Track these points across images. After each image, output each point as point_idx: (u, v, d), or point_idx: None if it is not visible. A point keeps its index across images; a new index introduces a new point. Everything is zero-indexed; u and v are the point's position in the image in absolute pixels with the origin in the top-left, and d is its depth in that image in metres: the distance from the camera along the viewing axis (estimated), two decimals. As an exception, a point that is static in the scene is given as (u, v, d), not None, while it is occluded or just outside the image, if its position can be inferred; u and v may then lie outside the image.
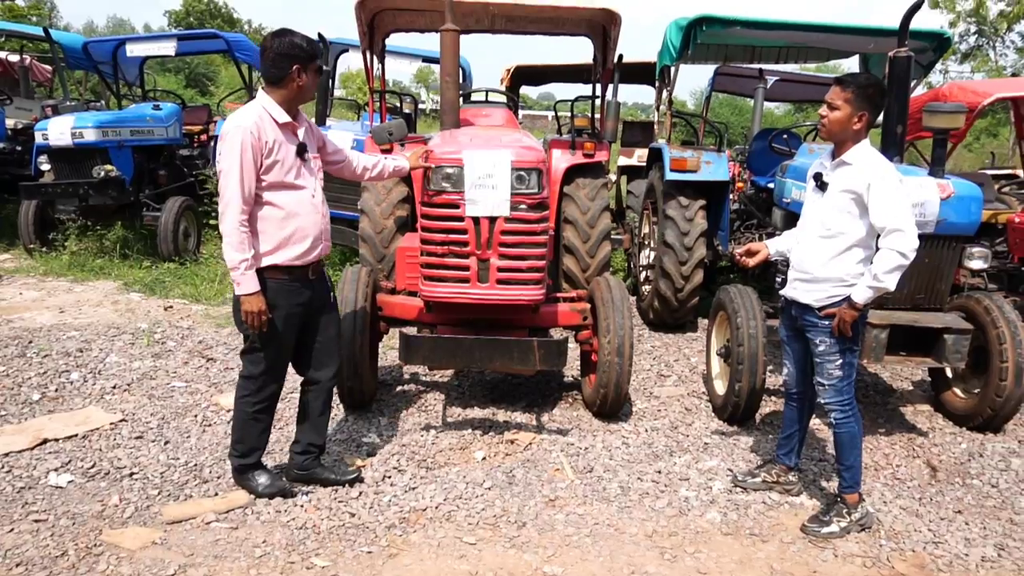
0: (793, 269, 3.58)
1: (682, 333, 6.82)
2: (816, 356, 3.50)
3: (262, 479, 3.61)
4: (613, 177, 10.45)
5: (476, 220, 4.05)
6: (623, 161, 10.37)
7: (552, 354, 4.12)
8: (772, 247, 3.83)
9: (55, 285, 7.47)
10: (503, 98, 7.82)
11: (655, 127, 8.38)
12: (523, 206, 4.07)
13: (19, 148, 9.96)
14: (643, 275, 7.34)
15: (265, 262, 3.36)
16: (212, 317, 6.61)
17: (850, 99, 3.32)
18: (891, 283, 3.23)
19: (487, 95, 7.88)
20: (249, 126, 3.23)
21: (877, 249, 3.31)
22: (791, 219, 5.54)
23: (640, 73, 9.93)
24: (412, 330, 4.58)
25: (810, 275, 3.45)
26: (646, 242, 7.45)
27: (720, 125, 8.80)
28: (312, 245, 3.46)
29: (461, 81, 10.47)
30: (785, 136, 6.24)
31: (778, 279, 5.52)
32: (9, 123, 10.04)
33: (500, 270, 4.10)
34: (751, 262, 3.83)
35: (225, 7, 47.65)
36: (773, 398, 5.21)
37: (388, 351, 5.58)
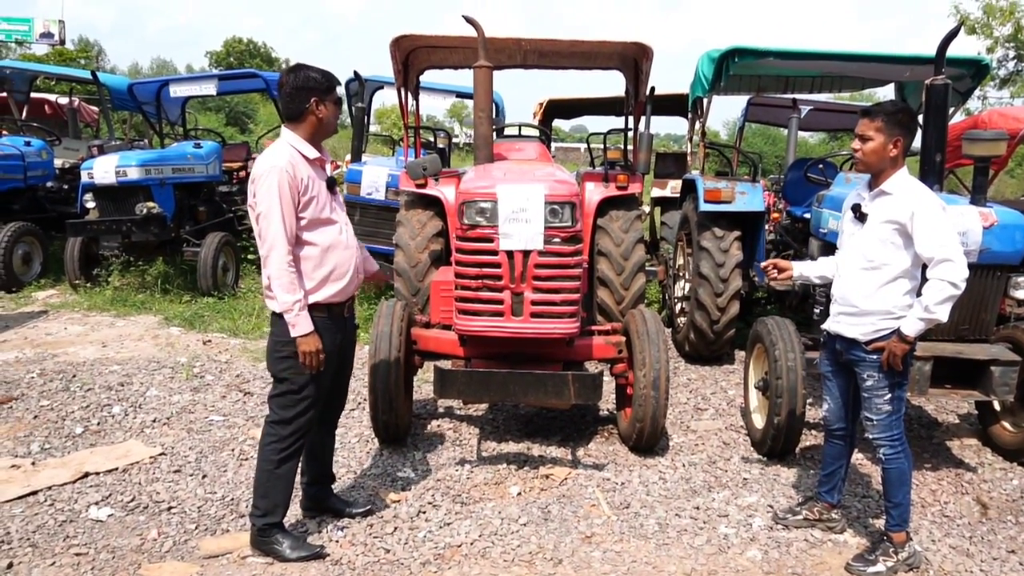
0: (836, 303, 3.51)
1: (719, 365, 6.73)
2: (864, 391, 3.42)
3: (287, 543, 3.39)
4: (647, 209, 10.44)
5: (510, 254, 4.06)
6: (656, 192, 10.36)
7: (587, 388, 4.09)
8: (797, 269, 3.76)
9: (98, 320, 7.62)
10: (536, 132, 7.87)
11: (688, 158, 8.36)
12: (557, 239, 4.07)
13: (66, 187, 10.28)
14: (678, 307, 7.28)
15: (308, 301, 3.28)
16: (249, 351, 6.68)
17: (881, 127, 3.30)
18: (943, 314, 3.17)
19: (520, 129, 7.94)
20: (284, 165, 3.17)
21: (924, 279, 3.25)
22: (828, 249, 5.46)
23: (672, 105, 9.96)
24: (447, 364, 4.58)
25: (855, 308, 3.39)
26: (681, 273, 7.40)
27: (754, 155, 8.75)
28: (350, 280, 3.43)
29: (494, 116, 10.58)
30: (821, 166, 6.19)
31: (816, 310, 5.45)
32: (57, 163, 10.37)
33: (534, 303, 4.10)
34: (778, 277, 3.77)
35: (264, 47, 49.04)
36: (813, 432, 5.10)
37: (422, 384, 5.59)
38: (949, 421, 5.53)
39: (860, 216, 3.41)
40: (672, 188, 10.03)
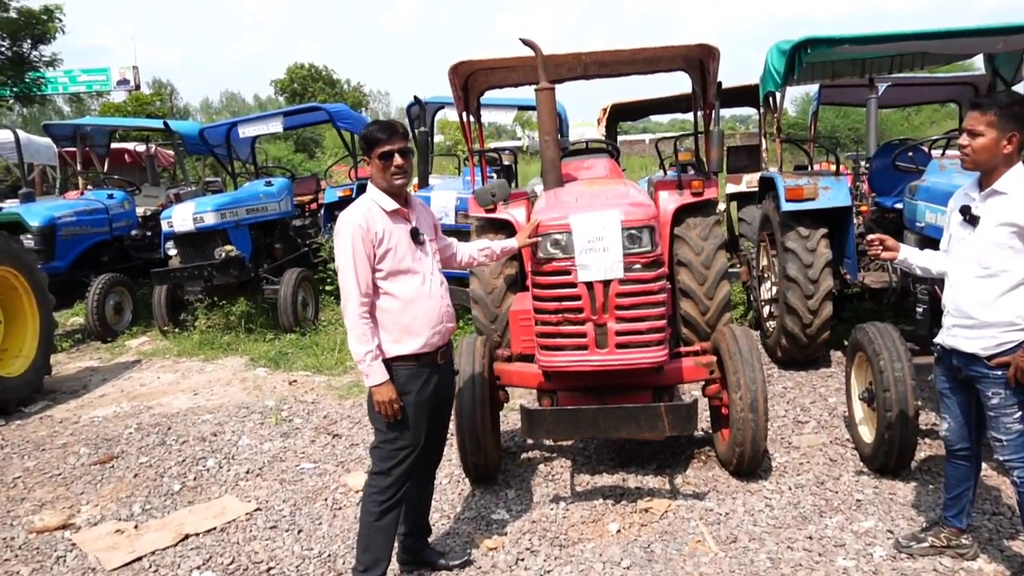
0: (949, 314, 3.23)
1: (814, 369, 6.41)
2: (990, 410, 3.13)
3: None
4: (723, 206, 10.11)
5: (589, 285, 3.91)
6: (731, 188, 10.01)
7: (682, 419, 3.90)
8: (903, 253, 3.47)
9: (188, 366, 7.80)
10: (604, 147, 7.65)
11: (762, 154, 8.01)
12: (637, 266, 3.90)
13: (149, 233, 10.64)
14: (766, 310, 6.98)
15: (393, 352, 3.30)
16: (334, 388, 6.71)
17: (993, 122, 3.00)
18: None
19: (587, 145, 7.74)
20: (358, 220, 3.24)
21: None
22: (927, 244, 5.11)
23: (741, 96, 9.63)
24: (533, 402, 4.45)
25: (973, 320, 3.10)
26: (765, 275, 7.09)
27: (832, 142, 8.34)
28: (435, 331, 3.39)
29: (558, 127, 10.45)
30: (911, 153, 5.80)
31: (920, 309, 5.11)
32: (139, 211, 10.75)
33: (619, 334, 3.93)
34: (882, 255, 3.48)
35: (325, 70, 49.91)
36: (927, 440, 4.78)
37: (508, 413, 5.47)
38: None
39: (971, 219, 3.12)
40: (747, 183, 9.68)
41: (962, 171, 4.88)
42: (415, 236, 3.39)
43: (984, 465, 4.27)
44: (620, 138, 11.66)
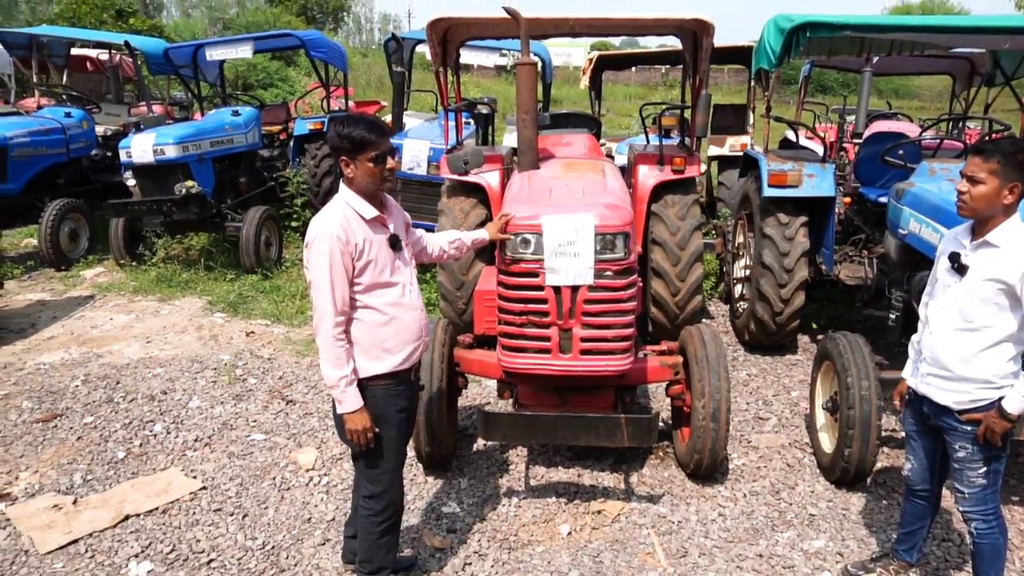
0: (925, 362, 3.12)
1: (781, 356, 6.36)
2: (955, 462, 3.06)
3: None
4: (704, 167, 9.88)
5: (557, 289, 3.73)
6: (714, 151, 9.76)
7: (642, 431, 3.80)
8: (906, 372, 3.35)
9: (143, 306, 7.55)
10: (585, 120, 7.32)
11: (748, 125, 7.77)
12: (608, 273, 3.72)
13: (110, 154, 10.14)
14: (738, 289, 6.87)
15: (369, 371, 3.05)
16: (293, 342, 6.55)
17: (996, 170, 2.82)
18: None
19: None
20: (335, 231, 2.90)
21: None
22: (907, 252, 5.00)
23: (732, 56, 9.31)
24: (492, 403, 4.33)
25: (949, 373, 2.99)
26: (740, 253, 6.96)
27: (823, 128, 8.06)
28: (415, 346, 3.18)
29: (540, 70, 10.04)
30: (900, 152, 5.60)
31: (892, 316, 5.03)
32: (99, 130, 10.22)
33: (584, 340, 3.78)
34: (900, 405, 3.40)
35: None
36: (885, 449, 4.76)
37: (468, 388, 5.35)
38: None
39: (959, 267, 2.97)
40: (730, 146, 9.44)
41: (952, 179, 4.76)
42: (394, 244, 3.11)
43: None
44: (604, 75, 11.12)
